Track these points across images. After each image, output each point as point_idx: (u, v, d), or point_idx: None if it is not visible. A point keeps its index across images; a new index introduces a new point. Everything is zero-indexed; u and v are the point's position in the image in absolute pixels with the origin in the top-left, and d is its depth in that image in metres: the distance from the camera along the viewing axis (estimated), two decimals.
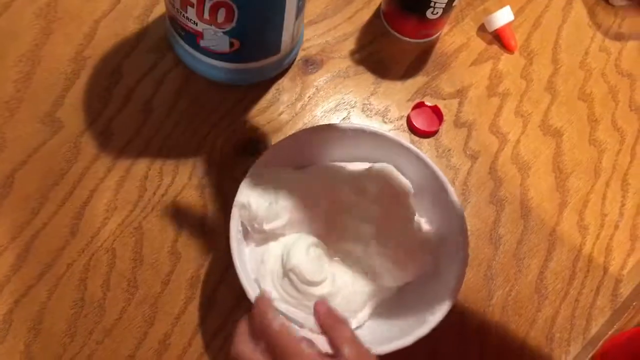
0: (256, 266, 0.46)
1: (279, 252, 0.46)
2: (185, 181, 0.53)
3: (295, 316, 0.43)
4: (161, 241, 0.50)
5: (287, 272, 0.44)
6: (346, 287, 0.46)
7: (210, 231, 0.51)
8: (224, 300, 0.49)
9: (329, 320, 0.36)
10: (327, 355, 0.34)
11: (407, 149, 0.48)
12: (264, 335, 0.34)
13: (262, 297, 0.37)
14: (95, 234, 0.49)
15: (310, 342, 0.34)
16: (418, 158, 0.48)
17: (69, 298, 0.47)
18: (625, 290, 0.55)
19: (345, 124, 0.49)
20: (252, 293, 0.41)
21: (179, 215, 0.51)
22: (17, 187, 0.50)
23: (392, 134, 0.49)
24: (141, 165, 0.53)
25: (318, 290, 0.44)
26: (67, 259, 0.48)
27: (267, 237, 0.47)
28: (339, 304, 0.45)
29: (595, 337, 0.52)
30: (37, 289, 0.47)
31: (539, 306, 0.53)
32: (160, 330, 0.47)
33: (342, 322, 0.36)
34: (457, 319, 0.51)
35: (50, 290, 0.47)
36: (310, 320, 0.41)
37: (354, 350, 0.34)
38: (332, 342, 0.35)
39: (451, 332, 0.50)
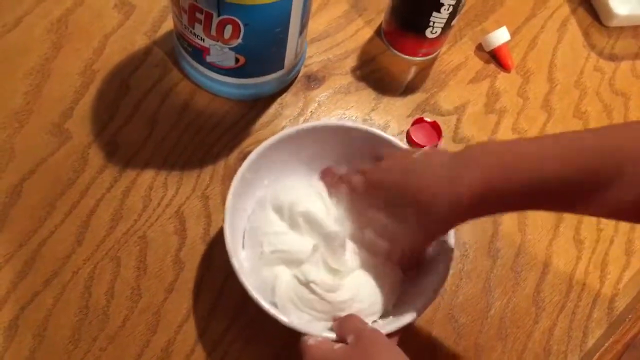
0: (264, 293, 0.45)
1: (288, 276, 0.46)
2: (189, 192, 0.54)
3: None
4: (165, 250, 0.51)
5: (308, 286, 0.44)
6: (365, 287, 0.46)
7: (213, 241, 0.52)
8: (227, 310, 0.50)
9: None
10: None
11: (391, 143, 0.49)
12: None
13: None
14: (100, 243, 0.50)
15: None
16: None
17: (73, 305, 0.48)
18: (621, 304, 0.55)
19: (332, 122, 0.51)
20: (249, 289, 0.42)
21: (182, 225, 0.52)
22: (25, 196, 0.51)
23: (378, 131, 0.50)
24: (146, 176, 0.54)
25: (342, 295, 0.44)
26: (73, 267, 0.49)
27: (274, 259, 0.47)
28: (361, 308, 0.45)
29: (592, 350, 0.53)
30: (43, 296, 0.48)
31: (536, 318, 0.53)
32: (163, 338, 0.48)
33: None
34: (455, 330, 0.52)
35: (55, 297, 0.48)
36: None
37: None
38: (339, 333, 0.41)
39: (449, 343, 0.51)
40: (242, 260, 0.45)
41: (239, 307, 0.50)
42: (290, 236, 0.47)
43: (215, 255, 0.51)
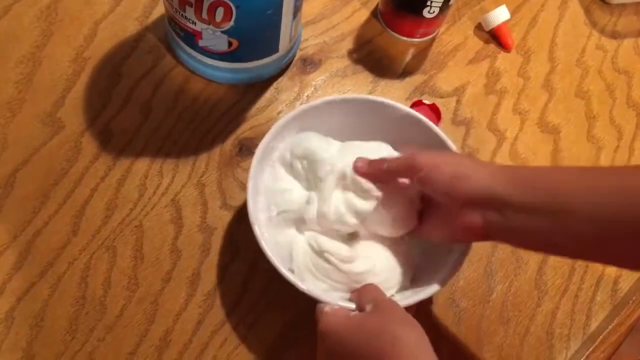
0: (282, 260, 0.45)
1: (304, 243, 0.46)
2: (185, 180, 0.53)
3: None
4: (161, 239, 0.50)
5: (323, 255, 0.44)
6: (381, 261, 0.46)
7: (210, 229, 0.51)
8: (225, 298, 0.49)
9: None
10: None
11: (409, 114, 0.49)
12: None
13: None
14: (96, 233, 0.50)
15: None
16: (420, 121, 0.48)
17: (70, 296, 0.47)
18: (625, 286, 0.55)
19: (342, 97, 0.50)
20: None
21: (179, 213, 0.51)
22: (19, 186, 0.50)
23: (393, 102, 0.49)
24: (141, 164, 0.53)
25: (358, 267, 0.44)
26: (69, 257, 0.49)
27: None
28: (377, 282, 0.44)
29: (595, 332, 0.52)
30: (39, 287, 0.47)
31: (538, 302, 0.53)
32: (161, 327, 0.47)
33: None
34: (457, 314, 0.51)
35: (51, 288, 0.48)
36: None
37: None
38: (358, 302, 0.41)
39: (451, 327, 0.50)
40: (262, 228, 0.45)
41: (239, 293, 0.49)
42: (296, 192, 0.47)
43: (213, 243, 0.51)
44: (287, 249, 0.46)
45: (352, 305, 0.41)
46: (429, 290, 0.43)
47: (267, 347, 0.48)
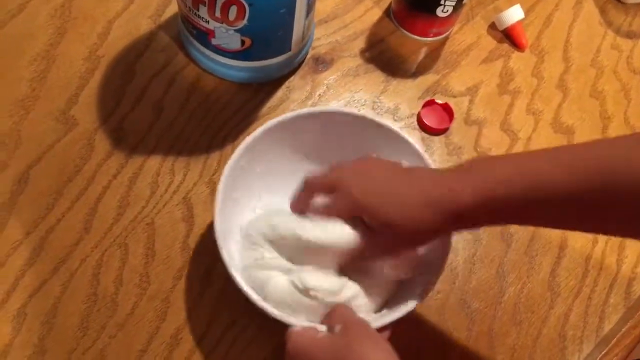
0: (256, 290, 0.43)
1: (284, 282, 0.43)
2: (196, 178, 0.53)
3: None
4: (173, 237, 0.50)
5: (308, 294, 0.42)
6: (362, 287, 0.44)
7: None
8: (235, 296, 0.49)
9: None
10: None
11: (385, 128, 0.48)
12: None
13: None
14: (108, 230, 0.50)
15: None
16: (399, 137, 0.48)
17: (82, 293, 0.48)
18: (638, 288, 0.54)
19: (322, 109, 0.49)
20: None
21: (190, 211, 0.51)
22: (32, 183, 0.51)
23: (371, 114, 0.49)
24: (153, 162, 0.53)
25: (345, 294, 0.43)
26: (81, 254, 0.49)
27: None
28: (359, 305, 0.44)
29: (609, 335, 0.52)
30: (51, 284, 0.48)
31: (551, 304, 0.52)
32: (172, 325, 0.47)
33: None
34: (468, 316, 0.51)
35: (64, 285, 0.48)
36: None
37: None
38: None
39: (462, 329, 0.50)
40: (232, 252, 0.44)
41: None
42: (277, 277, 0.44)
43: None
44: (259, 283, 0.43)
45: (323, 327, 0.40)
46: (405, 308, 0.41)
47: (279, 346, 0.48)
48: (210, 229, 0.51)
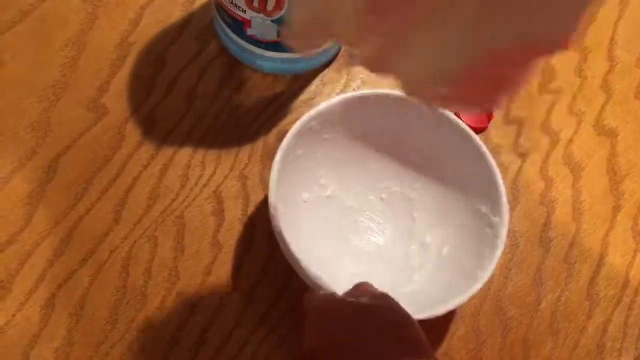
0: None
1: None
2: (227, 171, 0.52)
3: None
4: (202, 231, 0.49)
5: None
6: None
7: (252, 223, 0.50)
8: (265, 293, 0.48)
9: None
10: None
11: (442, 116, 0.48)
12: None
13: None
14: (137, 221, 0.49)
15: None
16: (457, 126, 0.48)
17: (111, 285, 0.47)
18: None
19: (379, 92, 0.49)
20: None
21: (220, 205, 0.50)
22: (61, 172, 0.50)
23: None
24: (184, 153, 0.52)
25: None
26: (110, 246, 0.48)
27: None
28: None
29: None
30: (80, 275, 0.47)
31: (589, 313, 0.50)
32: (200, 321, 0.47)
33: None
34: (503, 323, 0.49)
35: (92, 276, 0.47)
36: None
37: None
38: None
39: (496, 335, 0.49)
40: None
41: (280, 291, 0.48)
42: None
43: (255, 237, 0.50)
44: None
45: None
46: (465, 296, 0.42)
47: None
48: (239, 224, 0.50)
